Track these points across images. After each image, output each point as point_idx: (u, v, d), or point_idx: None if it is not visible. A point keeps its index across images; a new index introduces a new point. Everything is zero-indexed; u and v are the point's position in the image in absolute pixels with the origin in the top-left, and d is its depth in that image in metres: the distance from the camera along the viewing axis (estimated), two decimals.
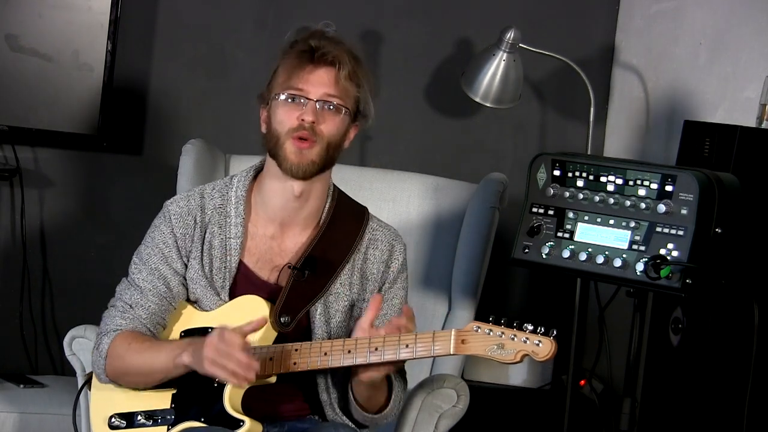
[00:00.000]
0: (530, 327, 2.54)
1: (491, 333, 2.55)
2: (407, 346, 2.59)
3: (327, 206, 2.78)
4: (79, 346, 3.05)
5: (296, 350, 2.66)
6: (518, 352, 2.53)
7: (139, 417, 2.72)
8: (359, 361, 2.62)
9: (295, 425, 2.74)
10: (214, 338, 2.54)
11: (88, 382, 2.88)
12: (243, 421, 2.62)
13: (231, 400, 2.66)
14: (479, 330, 2.56)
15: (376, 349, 2.61)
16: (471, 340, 2.56)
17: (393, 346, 2.60)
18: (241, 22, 4.06)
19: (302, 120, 2.65)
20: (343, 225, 2.78)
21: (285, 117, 2.67)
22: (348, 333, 2.75)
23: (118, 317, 2.73)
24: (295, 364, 2.65)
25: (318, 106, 2.67)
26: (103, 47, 3.77)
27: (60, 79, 3.76)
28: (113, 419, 2.75)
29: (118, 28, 3.78)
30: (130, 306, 2.73)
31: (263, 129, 2.74)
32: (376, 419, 2.76)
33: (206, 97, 4.06)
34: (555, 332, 2.53)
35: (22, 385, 3.71)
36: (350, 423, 2.76)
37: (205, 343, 2.54)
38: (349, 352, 2.62)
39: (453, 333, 2.57)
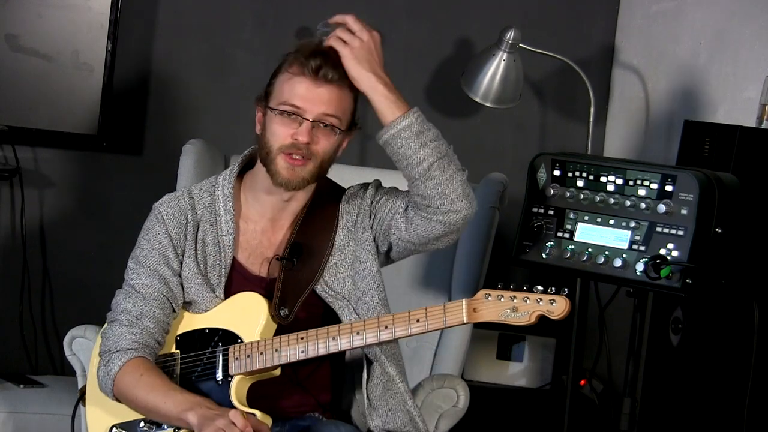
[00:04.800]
0: (540, 288, 2.56)
1: (502, 298, 2.57)
2: (418, 320, 2.61)
3: (306, 199, 2.80)
4: (79, 346, 3.05)
5: (302, 338, 2.66)
6: (532, 313, 2.55)
7: (141, 424, 2.71)
8: (370, 340, 2.63)
9: (297, 423, 2.75)
10: (224, 421, 2.53)
11: (81, 397, 2.86)
12: (254, 414, 2.61)
13: (238, 395, 2.66)
14: (490, 297, 2.58)
15: (386, 327, 2.62)
16: (483, 308, 2.58)
17: (404, 322, 2.61)
18: (241, 22, 4.06)
19: (296, 139, 2.66)
20: (323, 206, 2.80)
21: (279, 132, 2.68)
22: (358, 287, 2.75)
23: (126, 333, 2.70)
24: (302, 352, 2.65)
25: (313, 125, 2.67)
26: (103, 47, 3.77)
27: (60, 79, 3.76)
28: (114, 430, 2.74)
29: (118, 28, 3.78)
30: (137, 317, 2.70)
31: (257, 130, 2.75)
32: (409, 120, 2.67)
33: (206, 97, 4.06)
34: (567, 290, 2.54)
35: (22, 385, 3.71)
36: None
37: (217, 418, 2.54)
38: (358, 333, 2.64)
39: (464, 302, 2.58)
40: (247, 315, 2.71)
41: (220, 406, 2.61)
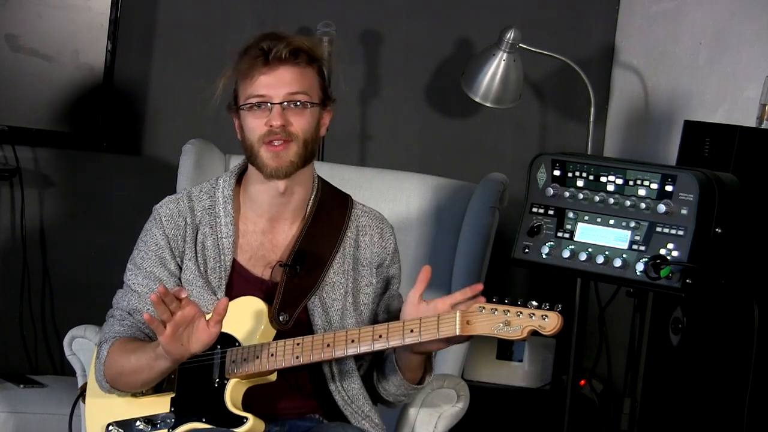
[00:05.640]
0: (534, 303, 2.56)
1: (496, 312, 2.56)
2: (412, 330, 2.60)
3: (312, 198, 2.80)
4: (79, 346, 3.05)
5: (298, 344, 2.66)
6: (525, 328, 2.55)
7: (137, 423, 2.72)
8: (364, 349, 2.63)
9: (296, 424, 2.75)
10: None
11: (81, 394, 2.87)
12: (246, 418, 2.63)
13: (232, 398, 2.67)
14: (483, 310, 2.57)
15: (381, 336, 2.62)
16: (476, 320, 2.57)
17: (398, 332, 2.61)
18: (241, 22, 4.06)
19: (271, 125, 2.67)
20: (329, 215, 2.80)
21: (253, 125, 2.69)
22: (346, 321, 2.76)
23: (117, 325, 2.74)
24: (297, 358, 2.65)
25: (284, 107, 2.68)
26: (103, 47, 3.77)
27: (60, 79, 3.76)
28: (111, 428, 2.74)
29: (118, 28, 3.78)
30: (129, 313, 2.74)
31: (239, 136, 2.77)
32: (416, 390, 2.78)
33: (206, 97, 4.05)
34: (561, 306, 2.55)
35: (22, 385, 3.71)
36: (360, 413, 2.77)
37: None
38: (353, 341, 2.63)
39: (458, 314, 2.58)
40: (246, 319, 2.70)
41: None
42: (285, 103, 2.68)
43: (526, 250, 3.05)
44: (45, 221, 3.96)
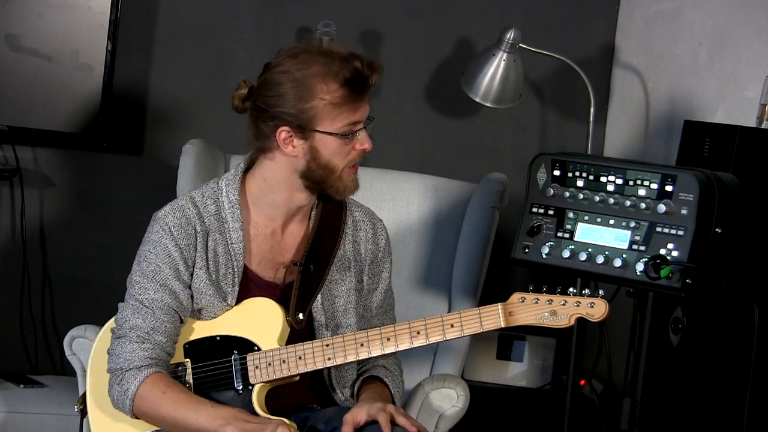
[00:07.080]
0: (573, 290, 2.57)
1: (538, 301, 2.57)
2: (453, 326, 2.60)
3: (316, 198, 2.80)
4: (79, 346, 3.04)
5: (327, 345, 2.65)
6: (572, 316, 2.56)
7: None
8: (403, 347, 2.63)
9: (300, 415, 2.75)
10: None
11: (83, 410, 2.80)
12: (294, 425, 2.59)
13: (260, 403, 2.65)
14: (525, 300, 2.58)
15: (419, 333, 2.62)
16: (519, 311, 2.58)
17: (437, 328, 2.61)
18: (241, 22, 4.06)
19: (364, 149, 2.69)
20: (329, 214, 2.80)
21: (343, 150, 2.67)
22: (350, 317, 2.77)
23: (138, 349, 2.65)
24: (329, 359, 2.65)
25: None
26: (103, 47, 3.77)
27: (60, 79, 3.76)
28: None
29: (118, 28, 3.78)
30: (147, 333, 2.65)
31: (293, 153, 2.68)
32: None
33: (206, 97, 4.06)
34: (603, 292, 2.57)
35: (22, 385, 3.71)
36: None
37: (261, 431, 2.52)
38: (389, 339, 2.63)
39: (500, 306, 2.59)
40: (261, 321, 2.68)
41: (255, 416, 2.59)
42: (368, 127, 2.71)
43: (526, 250, 3.05)
44: (45, 221, 3.96)
